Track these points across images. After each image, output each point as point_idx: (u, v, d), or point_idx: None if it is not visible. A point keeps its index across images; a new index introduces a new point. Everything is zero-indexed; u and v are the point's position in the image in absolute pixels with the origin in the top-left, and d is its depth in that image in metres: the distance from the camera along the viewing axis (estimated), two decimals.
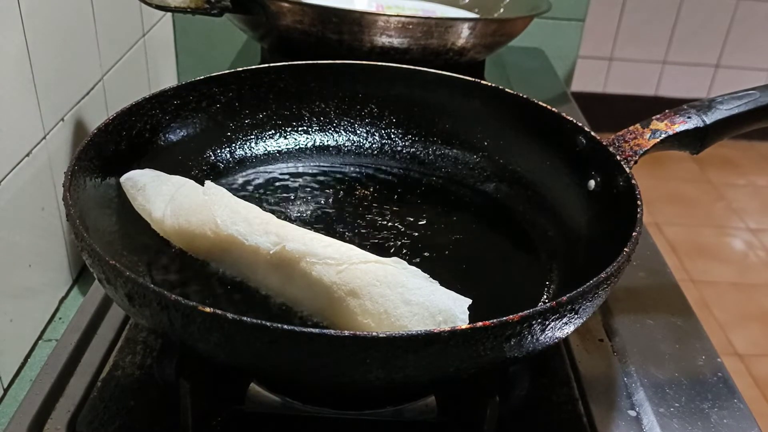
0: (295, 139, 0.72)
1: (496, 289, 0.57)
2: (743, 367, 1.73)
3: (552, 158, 0.64)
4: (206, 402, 0.48)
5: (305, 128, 0.72)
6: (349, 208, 0.65)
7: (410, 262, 0.50)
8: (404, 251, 0.59)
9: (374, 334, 0.38)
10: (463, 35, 0.86)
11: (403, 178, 0.70)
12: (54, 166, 0.69)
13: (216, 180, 0.64)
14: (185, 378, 0.46)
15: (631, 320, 0.62)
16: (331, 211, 0.64)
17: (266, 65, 0.70)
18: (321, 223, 0.62)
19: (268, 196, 0.65)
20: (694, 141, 0.61)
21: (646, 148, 0.59)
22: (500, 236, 0.64)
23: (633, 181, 0.55)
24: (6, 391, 0.61)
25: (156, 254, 0.55)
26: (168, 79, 1.16)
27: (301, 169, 0.70)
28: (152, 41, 1.03)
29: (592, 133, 0.61)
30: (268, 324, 0.38)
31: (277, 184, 0.68)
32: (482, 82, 0.70)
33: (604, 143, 0.59)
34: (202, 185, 0.57)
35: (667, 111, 0.61)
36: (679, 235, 2.27)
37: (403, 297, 0.47)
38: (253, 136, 0.70)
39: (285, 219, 0.54)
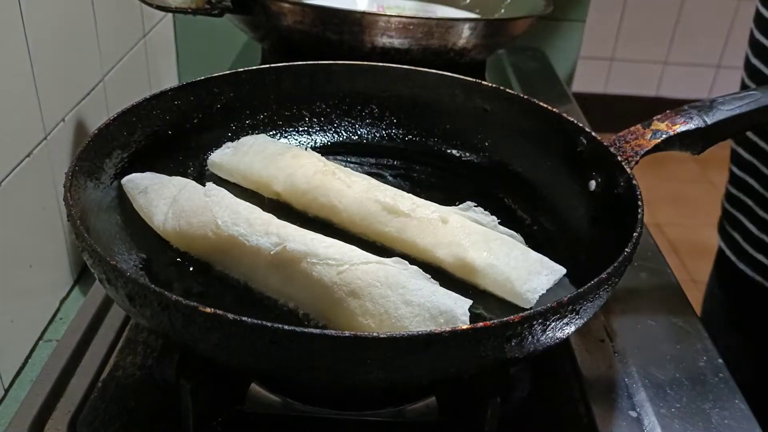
0: (296, 140, 0.72)
1: None
2: None
3: (553, 158, 0.64)
4: (207, 402, 0.48)
5: (306, 128, 0.72)
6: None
7: (411, 263, 0.50)
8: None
9: (375, 334, 0.38)
10: (464, 36, 0.86)
11: (404, 178, 0.70)
12: (55, 167, 0.69)
13: (216, 181, 0.64)
14: (186, 378, 0.46)
15: (632, 321, 0.62)
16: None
17: (266, 65, 0.70)
18: (322, 224, 0.61)
19: (269, 197, 0.65)
20: (696, 141, 0.61)
21: (647, 149, 0.59)
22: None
23: (634, 182, 0.55)
24: (6, 391, 0.61)
25: (157, 255, 0.55)
26: (168, 80, 1.16)
27: None
28: (153, 42, 1.03)
29: (593, 134, 0.61)
30: (268, 324, 0.38)
31: None
32: (483, 82, 0.70)
33: (605, 144, 0.59)
34: (203, 186, 0.57)
35: (668, 111, 0.61)
36: (680, 236, 2.27)
37: (404, 298, 0.47)
38: None
39: (285, 220, 0.54)
